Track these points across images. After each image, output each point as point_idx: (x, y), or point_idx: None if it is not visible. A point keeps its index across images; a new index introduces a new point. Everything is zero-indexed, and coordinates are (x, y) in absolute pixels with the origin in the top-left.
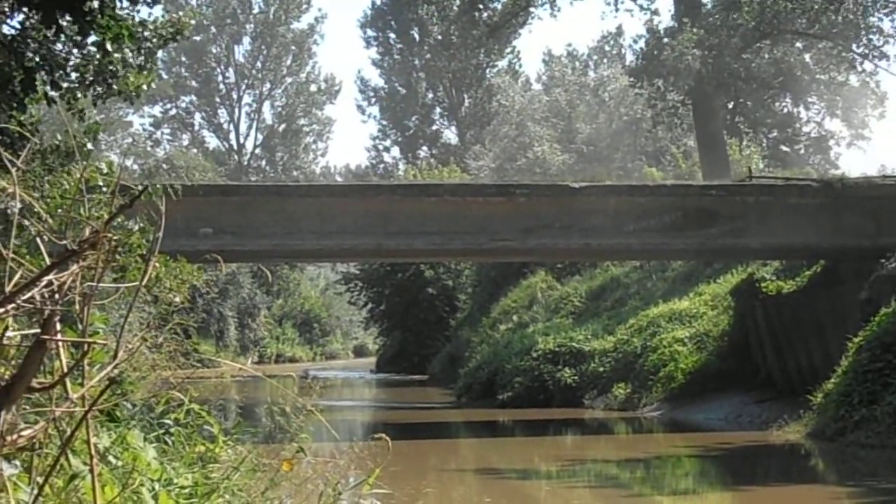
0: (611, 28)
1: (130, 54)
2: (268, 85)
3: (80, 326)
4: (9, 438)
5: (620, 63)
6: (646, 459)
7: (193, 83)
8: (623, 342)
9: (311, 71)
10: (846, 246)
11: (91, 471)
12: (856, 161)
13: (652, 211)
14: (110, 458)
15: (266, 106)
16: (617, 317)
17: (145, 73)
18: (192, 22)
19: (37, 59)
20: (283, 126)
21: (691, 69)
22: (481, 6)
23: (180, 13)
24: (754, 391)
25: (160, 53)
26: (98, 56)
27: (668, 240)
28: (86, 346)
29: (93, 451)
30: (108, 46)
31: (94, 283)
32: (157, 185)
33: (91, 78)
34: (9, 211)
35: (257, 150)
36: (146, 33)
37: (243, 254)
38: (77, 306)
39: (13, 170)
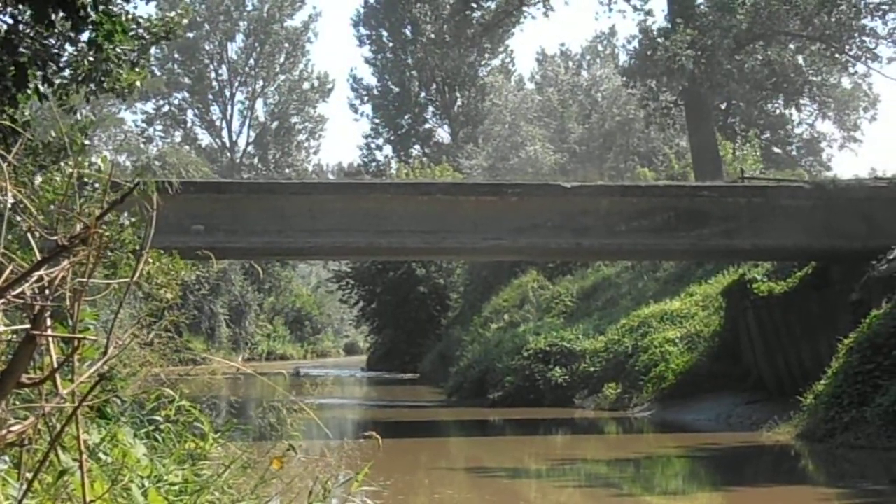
0: (604, 28)
1: (124, 49)
2: (261, 82)
3: (70, 322)
4: None
5: (613, 63)
6: (636, 459)
7: (186, 80)
8: (614, 342)
9: (304, 69)
10: (837, 247)
11: (80, 467)
12: (847, 163)
13: (644, 211)
14: (100, 454)
15: (259, 103)
16: (608, 317)
17: (138, 69)
18: (185, 21)
19: (29, 54)
20: (275, 123)
21: (684, 70)
22: (474, 5)
23: (173, 12)
24: (745, 392)
25: (153, 50)
26: (91, 52)
27: (659, 240)
28: (76, 342)
29: (82, 447)
30: (101, 43)
31: (85, 279)
32: (150, 182)
33: (84, 74)
34: (0, 206)
35: (250, 148)
36: (139, 30)
37: (235, 251)
38: (68, 302)
39: (4, 165)
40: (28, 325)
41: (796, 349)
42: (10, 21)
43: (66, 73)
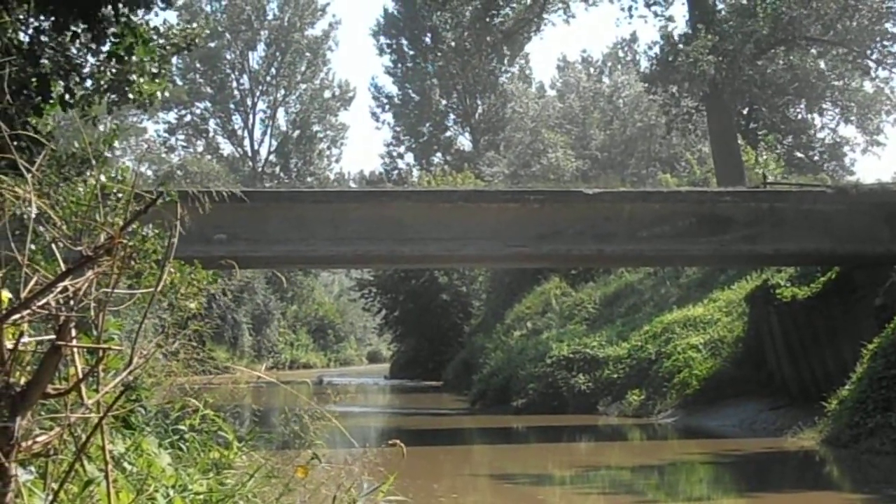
0: (625, 34)
1: (144, 62)
2: (282, 91)
3: (95, 332)
4: (24, 444)
5: (635, 69)
6: (660, 466)
7: (208, 89)
8: (637, 349)
9: (325, 77)
10: (861, 252)
11: (106, 477)
12: (871, 167)
13: (666, 217)
14: (125, 464)
15: (280, 112)
16: (631, 323)
17: (158, 80)
18: (206, 32)
19: (51, 65)
20: (297, 132)
21: (706, 75)
22: (494, 12)
23: (193, 24)
24: (769, 398)
25: (174, 60)
26: (112, 63)
27: (682, 246)
28: (101, 353)
29: (107, 457)
30: (122, 55)
31: (110, 290)
32: (173, 192)
33: (106, 85)
34: (24, 217)
35: (271, 157)
36: (160, 41)
37: (257, 260)
38: (92, 312)
39: (28, 176)
40: (53, 336)
41: (820, 354)
42: (33, 32)
43: (88, 83)
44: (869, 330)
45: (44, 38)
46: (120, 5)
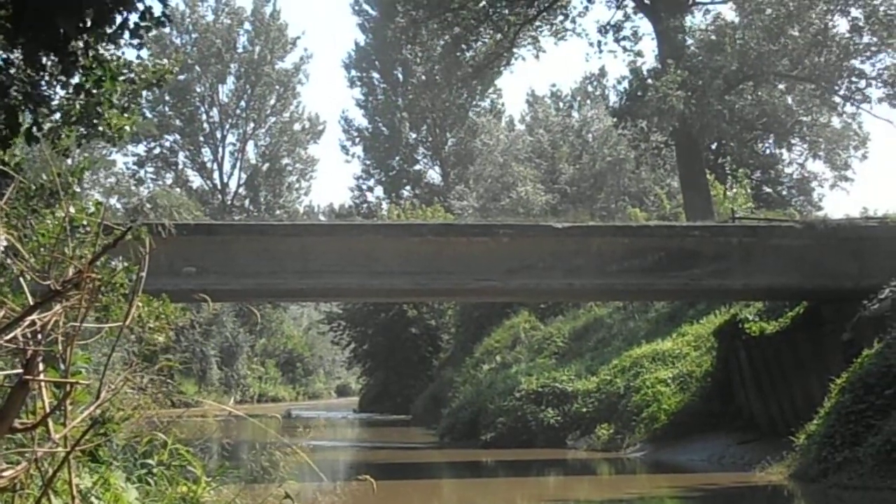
0: (594, 69)
1: (114, 95)
2: (252, 124)
3: (62, 366)
4: None
5: (604, 104)
6: (629, 500)
7: (177, 122)
8: (606, 382)
9: (296, 110)
10: (829, 287)
11: None
12: (839, 202)
13: (635, 251)
14: (92, 498)
15: (250, 145)
16: (600, 357)
17: (128, 114)
18: (176, 68)
19: (19, 97)
20: (266, 165)
21: (675, 110)
22: (465, 46)
23: (164, 60)
24: (737, 432)
25: (144, 92)
26: (82, 96)
27: (651, 280)
28: (68, 387)
29: (74, 492)
30: (91, 88)
31: (78, 323)
32: (142, 226)
33: (75, 117)
34: None
35: (241, 190)
36: (130, 75)
37: (226, 293)
38: (60, 346)
39: None
40: (20, 370)
41: (788, 389)
42: (1, 64)
43: (57, 116)
44: (837, 365)
45: (12, 71)
46: (90, 39)
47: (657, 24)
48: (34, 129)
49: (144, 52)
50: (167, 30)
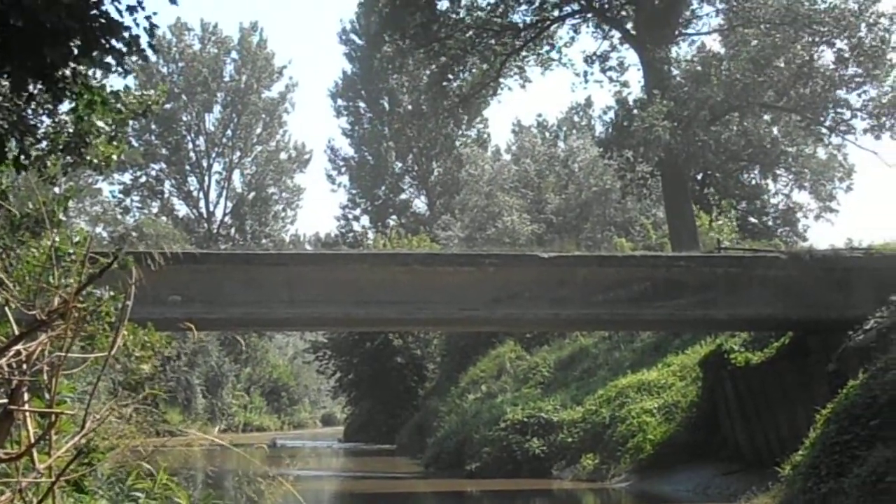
0: (580, 99)
1: (102, 123)
2: (238, 153)
3: (47, 396)
4: None
5: (590, 134)
6: None
7: (164, 151)
8: (591, 412)
9: (282, 139)
10: (814, 318)
11: None
12: (824, 233)
13: (621, 281)
14: None
15: (236, 174)
16: (585, 387)
17: (115, 143)
18: (162, 99)
19: (5, 125)
20: (252, 194)
21: (661, 141)
22: (451, 76)
23: (151, 91)
24: (723, 463)
25: (130, 122)
26: (70, 123)
27: (636, 310)
28: (53, 417)
29: None
30: (82, 114)
31: (63, 353)
32: (129, 256)
33: (62, 146)
34: None
35: (227, 218)
36: (118, 104)
37: (212, 322)
38: (45, 376)
39: None
40: (5, 400)
41: (774, 419)
42: None
43: (44, 144)
44: (822, 395)
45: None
46: (77, 67)
47: (643, 55)
48: (21, 157)
49: (131, 81)
50: (154, 58)
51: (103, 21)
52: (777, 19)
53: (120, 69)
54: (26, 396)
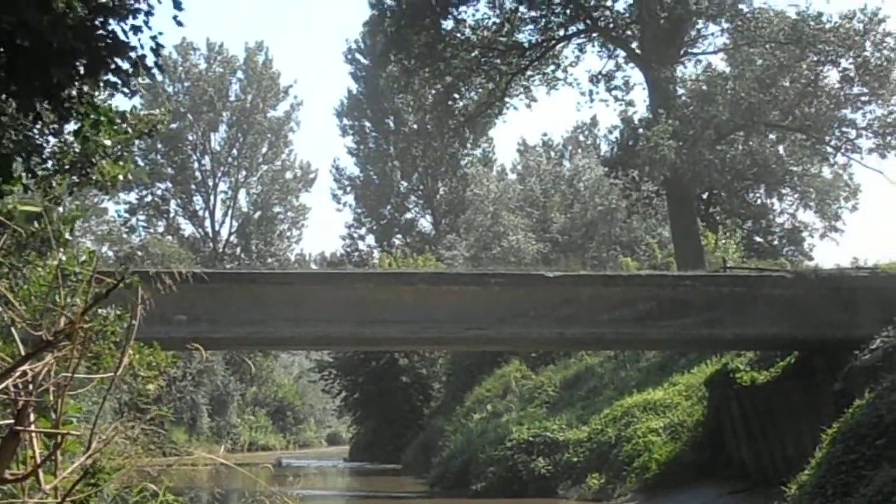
0: (586, 118)
1: (108, 143)
2: (243, 172)
3: (53, 416)
4: None
5: (595, 153)
6: None
7: (169, 170)
8: (597, 432)
9: (287, 159)
10: (820, 337)
11: None
12: (829, 253)
13: (626, 301)
14: None
15: (241, 193)
16: (591, 406)
17: (122, 163)
18: (168, 118)
19: (11, 145)
20: (258, 213)
21: (666, 160)
22: (457, 96)
23: (156, 110)
24: (728, 482)
25: (136, 141)
26: (76, 142)
27: (642, 329)
28: (59, 437)
29: None
30: (87, 134)
31: (69, 374)
32: (134, 275)
33: (68, 165)
34: None
35: (232, 238)
36: (124, 125)
37: (217, 341)
38: (51, 396)
39: None
40: (11, 421)
41: (780, 439)
42: None
43: (50, 164)
44: (828, 414)
45: (4, 119)
46: (83, 87)
47: (648, 74)
48: (27, 176)
49: (137, 101)
50: (160, 78)
51: (109, 41)
52: (782, 39)
53: (126, 89)
54: (32, 417)
